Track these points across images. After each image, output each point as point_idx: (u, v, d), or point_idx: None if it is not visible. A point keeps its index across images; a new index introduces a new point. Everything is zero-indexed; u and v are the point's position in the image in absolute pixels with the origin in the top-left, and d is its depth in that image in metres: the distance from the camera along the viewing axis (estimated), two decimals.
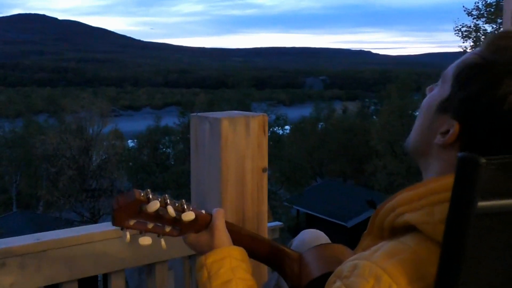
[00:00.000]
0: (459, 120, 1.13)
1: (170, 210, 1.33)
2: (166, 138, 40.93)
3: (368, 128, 34.71)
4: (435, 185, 1.10)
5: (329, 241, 1.70)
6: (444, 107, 1.17)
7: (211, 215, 1.46)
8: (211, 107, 31.65)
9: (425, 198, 1.09)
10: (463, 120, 1.12)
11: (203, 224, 1.43)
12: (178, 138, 38.55)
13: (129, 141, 42.90)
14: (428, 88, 1.27)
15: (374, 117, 44.02)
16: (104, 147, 25.31)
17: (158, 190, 36.96)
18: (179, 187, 31.11)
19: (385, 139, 28.51)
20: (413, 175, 27.55)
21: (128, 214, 1.27)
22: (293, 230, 29.30)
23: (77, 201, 23.11)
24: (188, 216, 1.38)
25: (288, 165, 26.72)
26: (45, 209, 24.35)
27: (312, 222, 29.56)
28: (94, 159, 24.41)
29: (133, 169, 36.99)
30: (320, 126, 43.18)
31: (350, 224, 26.58)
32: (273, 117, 29.02)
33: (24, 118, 47.70)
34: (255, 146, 1.97)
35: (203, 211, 1.44)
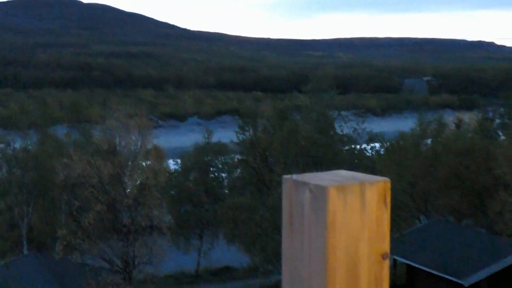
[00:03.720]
0: None
1: None
2: (220, 158, 41.18)
3: (491, 149, 34.13)
4: None
5: None
6: None
7: None
8: (282, 121, 31.70)
9: None
10: None
11: None
12: (235, 160, 38.71)
13: (171, 161, 43.57)
14: None
15: (501, 134, 43.24)
16: (142, 173, 25.58)
17: (208, 227, 37.26)
18: (235, 225, 31.22)
19: None
20: None
21: None
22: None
23: (106, 244, 23.45)
24: None
25: None
26: (64, 253, 24.97)
27: (415, 277, 29.15)
28: (128, 189, 24.69)
29: (175, 199, 37.53)
30: (425, 145, 42.69)
31: (467, 282, 26.08)
32: (365, 136, 28.78)
33: (38, 130, 49.07)
34: (373, 223, 1.93)
35: None
